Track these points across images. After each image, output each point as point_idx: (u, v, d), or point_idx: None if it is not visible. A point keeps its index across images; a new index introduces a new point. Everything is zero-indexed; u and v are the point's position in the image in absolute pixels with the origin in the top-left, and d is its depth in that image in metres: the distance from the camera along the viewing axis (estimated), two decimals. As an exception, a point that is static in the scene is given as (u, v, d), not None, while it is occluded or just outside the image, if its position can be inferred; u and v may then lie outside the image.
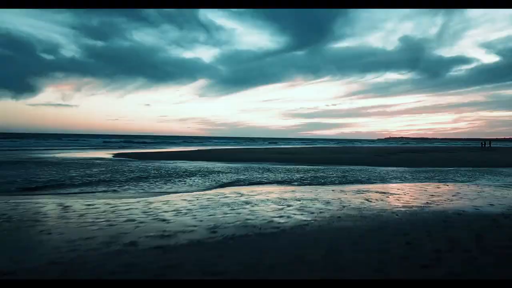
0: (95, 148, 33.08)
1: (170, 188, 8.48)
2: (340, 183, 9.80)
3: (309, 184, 9.40)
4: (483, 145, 54.02)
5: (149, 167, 13.50)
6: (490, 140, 59.24)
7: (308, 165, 15.65)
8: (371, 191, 7.94)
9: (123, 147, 37.32)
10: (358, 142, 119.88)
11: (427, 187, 8.93)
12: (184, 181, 9.80)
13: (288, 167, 14.70)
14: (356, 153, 27.16)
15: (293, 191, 7.92)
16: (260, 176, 11.16)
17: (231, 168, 13.62)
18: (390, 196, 7.22)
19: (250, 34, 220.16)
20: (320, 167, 14.86)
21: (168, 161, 16.98)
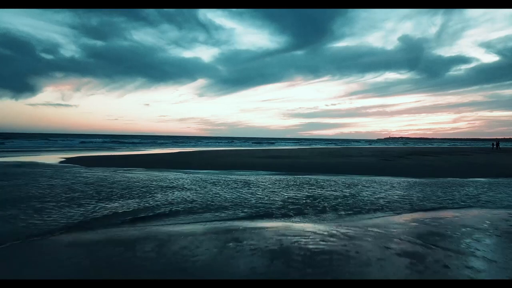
0: (60, 151, 29.16)
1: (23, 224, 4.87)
2: (346, 210, 6.26)
3: (298, 214, 5.86)
4: (495, 146, 50.52)
5: (85, 180, 9.92)
6: (498, 141, 55.66)
7: (303, 174, 12.11)
8: (402, 239, 4.38)
9: (95, 149, 33.45)
10: (357, 142, 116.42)
11: (489, 222, 5.37)
12: (100, 206, 6.21)
13: (276, 177, 11.16)
14: (360, 156, 23.63)
15: (256, 241, 4.34)
16: (228, 196, 7.61)
17: (198, 181, 10.06)
18: (449, 262, 3.66)
19: (250, 34, 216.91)
20: (318, 177, 11.33)
21: (123, 169, 13.39)
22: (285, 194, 7.99)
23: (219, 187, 8.94)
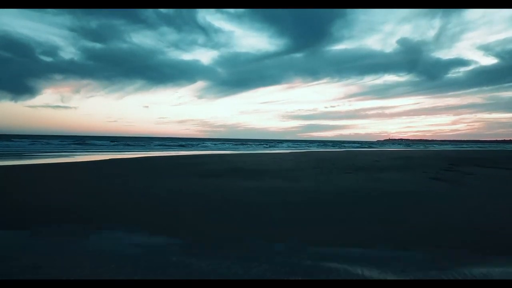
0: None
1: None
2: None
3: None
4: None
5: None
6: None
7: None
8: None
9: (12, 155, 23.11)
10: (357, 144, 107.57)
11: None
12: None
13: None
14: (382, 170, 14.36)
15: None
16: None
17: None
18: None
19: (249, 37, 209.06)
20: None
21: None
22: None
23: None
